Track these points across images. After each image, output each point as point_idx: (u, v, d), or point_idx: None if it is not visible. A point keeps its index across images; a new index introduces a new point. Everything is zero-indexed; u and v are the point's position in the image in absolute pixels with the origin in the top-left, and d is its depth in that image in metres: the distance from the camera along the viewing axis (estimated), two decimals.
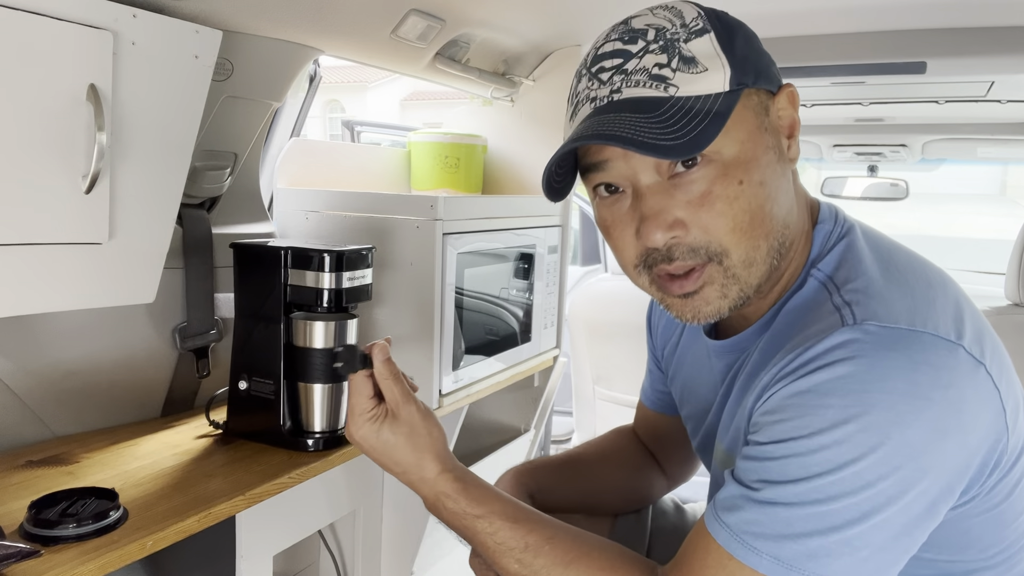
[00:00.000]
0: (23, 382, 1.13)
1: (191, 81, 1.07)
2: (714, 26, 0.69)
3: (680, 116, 0.66)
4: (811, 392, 0.63)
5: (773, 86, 0.73)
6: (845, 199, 3.12)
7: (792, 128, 0.75)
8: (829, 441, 0.61)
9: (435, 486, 0.82)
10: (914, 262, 0.74)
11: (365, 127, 2.42)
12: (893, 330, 0.63)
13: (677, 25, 0.69)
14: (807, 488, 0.62)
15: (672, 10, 0.72)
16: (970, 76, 1.78)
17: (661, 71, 0.68)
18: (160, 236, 1.12)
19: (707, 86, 0.67)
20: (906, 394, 0.61)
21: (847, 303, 0.67)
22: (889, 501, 0.61)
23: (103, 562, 0.84)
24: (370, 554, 1.55)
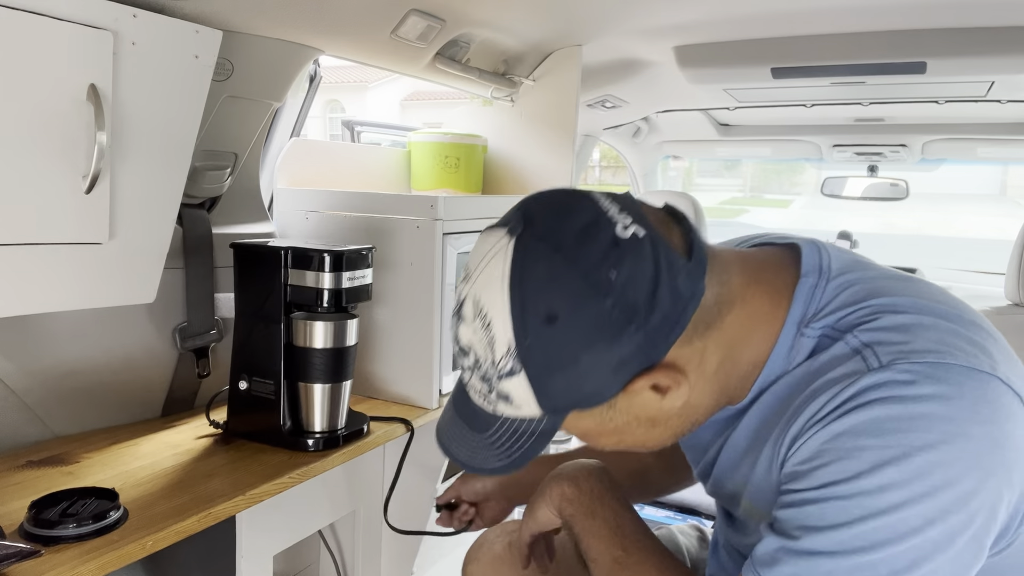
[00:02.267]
0: (23, 382, 1.13)
1: (191, 81, 1.07)
2: (524, 364, 0.63)
3: (508, 436, 0.69)
4: (846, 435, 0.61)
5: (610, 395, 0.66)
6: (845, 199, 3.12)
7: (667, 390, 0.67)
8: (870, 486, 0.59)
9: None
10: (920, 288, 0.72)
11: (365, 127, 2.41)
12: (925, 365, 0.61)
13: (489, 361, 0.65)
14: (849, 535, 0.59)
15: (487, 329, 0.64)
16: (970, 76, 1.78)
17: (486, 395, 0.68)
18: (160, 236, 1.12)
19: (527, 414, 0.67)
20: (946, 433, 0.58)
21: (866, 344, 0.64)
22: (937, 549, 0.58)
23: (103, 562, 0.84)
24: (370, 554, 1.55)
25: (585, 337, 0.62)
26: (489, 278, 0.64)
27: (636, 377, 0.65)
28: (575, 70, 1.78)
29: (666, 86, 2.13)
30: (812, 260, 0.73)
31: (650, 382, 0.65)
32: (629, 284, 0.61)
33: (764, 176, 20.30)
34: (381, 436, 1.28)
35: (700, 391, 0.70)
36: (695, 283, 0.64)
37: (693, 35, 1.72)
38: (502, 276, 0.63)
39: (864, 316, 0.67)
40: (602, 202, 0.65)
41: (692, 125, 2.79)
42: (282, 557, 1.41)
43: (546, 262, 0.62)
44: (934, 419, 0.59)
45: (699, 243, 0.66)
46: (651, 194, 2.83)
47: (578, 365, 0.63)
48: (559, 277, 0.61)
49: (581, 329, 0.62)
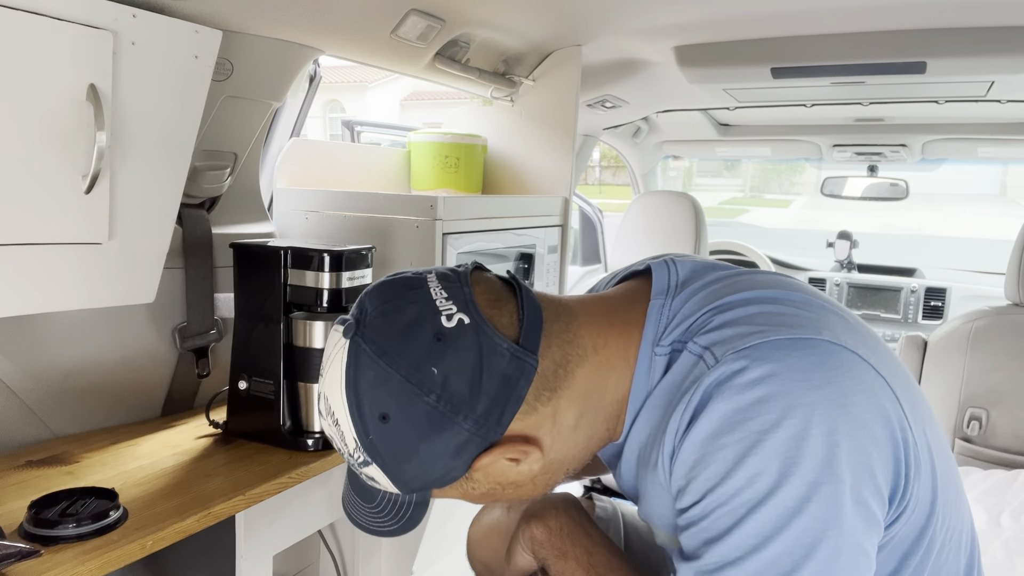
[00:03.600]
0: (23, 382, 1.13)
1: (191, 81, 1.07)
2: (373, 457, 0.67)
3: (390, 507, 0.74)
4: (705, 439, 0.62)
5: (459, 473, 0.69)
6: (845, 199, 3.12)
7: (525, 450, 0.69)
8: (741, 481, 0.60)
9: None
10: (753, 281, 0.74)
11: (365, 127, 2.42)
12: (750, 349, 0.63)
13: (347, 452, 0.70)
14: (743, 536, 0.60)
15: (337, 426, 0.69)
16: (970, 76, 1.78)
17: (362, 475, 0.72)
18: (160, 236, 1.12)
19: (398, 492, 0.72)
20: (785, 408, 0.59)
21: (705, 348, 0.66)
22: (827, 524, 0.58)
23: (103, 562, 0.84)
24: (370, 554, 1.55)
25: (417, 431, 0.66)
26: (332, 379, 0.68)
27: (479, 456, 0.68)
28: (575, 70, 1.78)
29: (666, 86, 2.13)
30: (661, 282, 0.76)
31: (497, 458, 0.68)
32: (451, 377, 0.65)
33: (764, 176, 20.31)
34: None
35: (562, 446, 0.72)
36: (523, 362, 0.67)
37: (693, 35, 1.72)
38: (340, 379, 0.67)
39: (701, 322, 0.69)
40: (434, 290, 0.69)
41: (692, 125, 2.79)
42: (282, 557, 1.41)
43: (373, 367, 0.65)
44: (770, 399, 0.60)
45: (532, 315, 0.69)
46: (651, 194, 2.83)
47: (419, 455, 0.67)
48: (385, 380, 0.65)
49: (412, 425, 0.66)
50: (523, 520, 0.90)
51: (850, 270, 3.18)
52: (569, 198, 1.84)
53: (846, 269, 3.18)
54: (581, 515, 0.90)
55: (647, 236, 2.68)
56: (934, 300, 2.94)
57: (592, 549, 0.85)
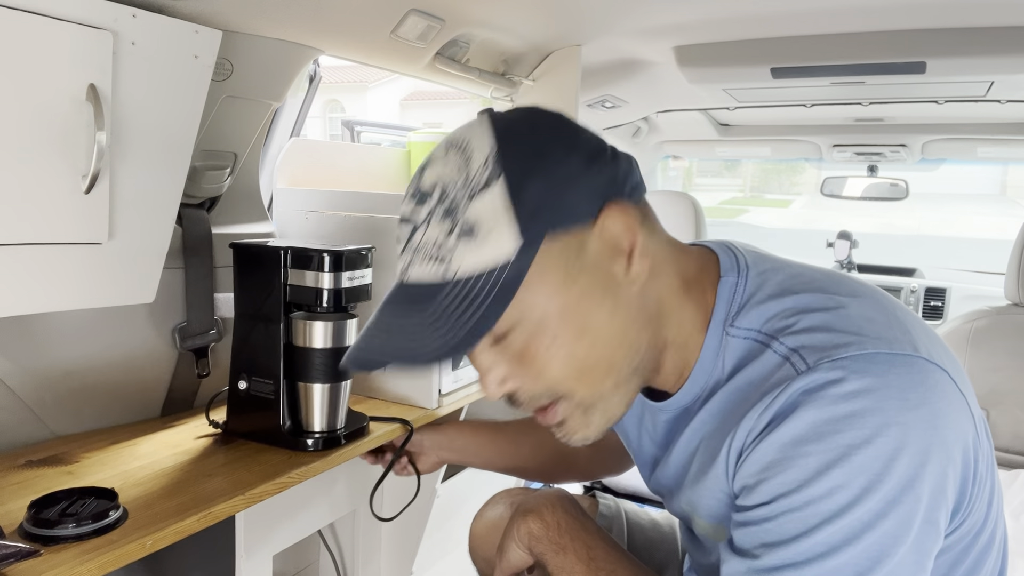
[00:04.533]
0: (23, 382, 1.13)
1: (191, 81, 1.07)
2: (506, 168, 0.62)
3: (456, 305, 0.62)
4: (787, 443, 0.61)
5: (585, 217, 0.66)
6: (845, 199, 3.12)
7: (630, 245, 0.68)
8: (819, 491, 0.59)
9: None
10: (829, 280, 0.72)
11: (365, 127, 2.42)
12: (848, 360, 0.61)
13: (461, 180, 0.63)
14: (810, 544, 0.60)
15: (463, 152, 0.65)
16: (970, 76, 1.78)
17: (441, 249, 0.63)
18: (160, 236, 1.12)
19: (493, 255, 0.62)
20: (879, 426, 0.59)
21: (793, 350, 0.65)
22: (896, 541, 0.59)
23: (103, 562, 0.84)
24: (370, 554, 1.55)
25: (565, 149, 0.65)
26: (467, 129, 0.68)
27: (607, 205, 0.66)
28: (575, 70, 1.78)
29: (666, 86, 2.13)
30: (728, 259, 0.75)
31: (622, 215, 0.67)
32: (594, 136, 0.70)
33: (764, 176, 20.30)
34: (381, 436, 1.28)
35: (655, 291, 0.71)
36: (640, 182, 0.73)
37: (693, 35, 1.72)
38: (481, 122, 0.68)
39: (785, 320, 0.68)
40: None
41: (692, 125, 2.79)
42: (282, 557, 1.41)
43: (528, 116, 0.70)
44: (866, 414, 0.59)
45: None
46: (651, 194, 2.83)
47: (557, 172, 0.64)
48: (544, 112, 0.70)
49: (561, 142, 0.66)
50: (517, 515, 0.89)
51: (850, 270, 3.18)
52: None
53: (846, 269, 3.18)
54: (577, 510, 0.89)
55: None
56: (934, 300, 2.94)
57: (591, 543, 0.85)
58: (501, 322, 0.63)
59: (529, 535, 0.87)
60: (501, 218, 0.62)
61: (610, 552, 0.85)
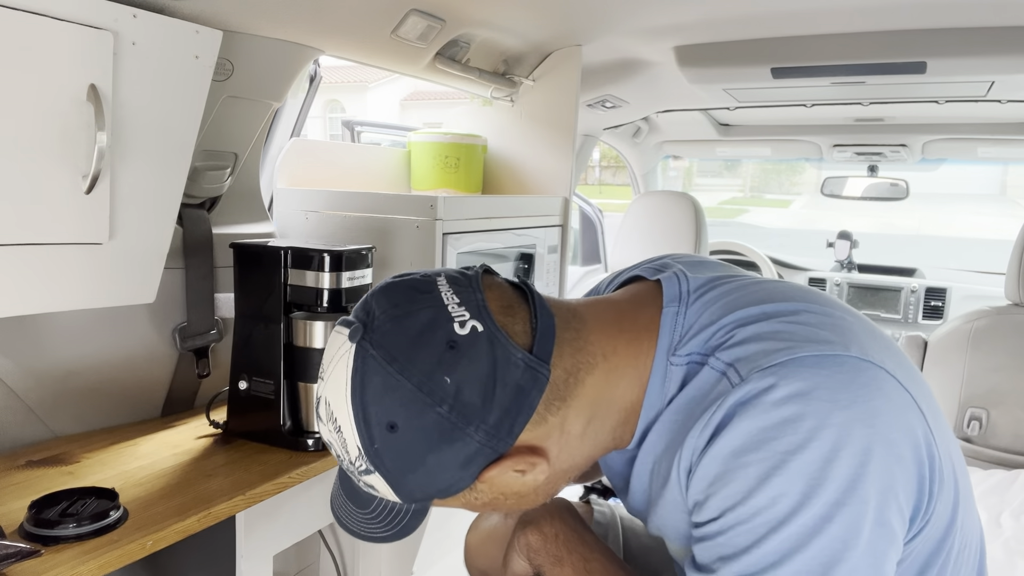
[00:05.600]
0: (23, 382, 1.13)
1: (191, 81, 1.07)
2: (376, 465, 0.65)
3: (385, 514, 0.73)
4: (727, 455, 0.61)
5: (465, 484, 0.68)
6: (845, 199, 3.12)
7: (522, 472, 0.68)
8: (763, 501, 0.59)
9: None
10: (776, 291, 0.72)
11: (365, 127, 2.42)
12: (777, 367, 0.61)
13: (347, 460, 0.68)
14: (760, 554, 0.59)
15: (339, 435, 0.67)
16: (970, 76, 1.78)
17: (360, 482, 0.70)
18: (160, 236, 1.12)
19: (396, 499, 0.70)
20: (812, 429, 0.58)
21: (728, 364, 0.65)
22: (846, 545, 0.58)
23: (103, 562, 0.84)
24: (370, 554, 1.55)
25: (426, 442, 0.64)
26: (335, 384, 0.65)
27: (487, 468, 0.66)
28: (575, 70, 1.78)
29: (666, 86, 2.13)
30: (672, 289, 0.74)
31: (505, 470, 0.66)
32: (464, 387, 0.63)
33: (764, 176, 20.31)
34: None
35: (568, 455, 0.71)
36: (536, 373, 0.65)
37: (693, 35, 1.72)
38: (345, 384, 0.64)
39: (722, 336, 0.68)
40: (445, 294, 0.66)
41: (692, 125, 2.79)
42: (282, 557, 1.41)
43: (382, 374, 0.63)
44: (798, 419, 0.59)
45: (545, 323, 0.66)
46: (651, 194, 2.83)
47: (426, 465, 0.65)
48: (394, 388, 0.63)
49: (422, 435, 0.63)
50: (519, 527, 0.89)
51: (850, 270, 3.18)
52: (569, 198, 1.84)
53: (846, 269, 3.18)
54: (576, 521, 0.89)
55: (647, 236, 2.68)
56: (934, 300, 2.94)
57: (588, 556, 0.85)
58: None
59: (528, 547, 0.87)
60: (391, 493, 0.68)
61: (607, 565, 0.85)
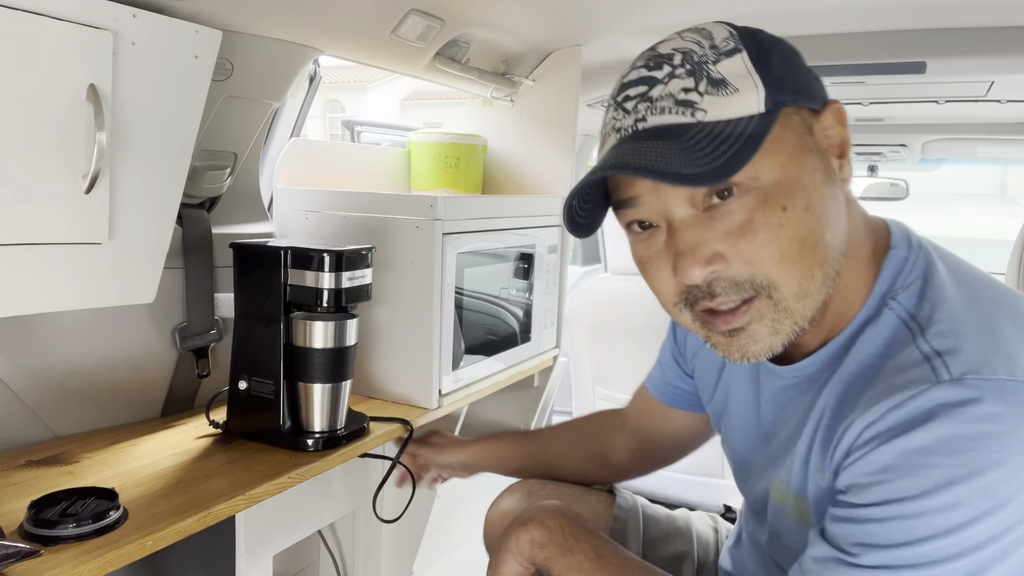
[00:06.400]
0: (23, 382, 1.13)
1: (191, 81, 1.07)
2: (747, 45, 0.66)
3: (708, 142, 0.62)
4: (914, 452, 0.59)
5: (816, 103, 0.69)
6: None
7: (842, 147, 0.70)
8: (938, 504, 0.58)
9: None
10: (1003, 297, 0.68)
11: (365, 127, 2.42)
12: (994, 382, 0.59)
13: (706, 47, 0.65)
14: (912, 553, 0.59)
15: (702, 32, 0.68)
16: (970, 76, 1.78)
17: (688, 95, 0.64)
18: (160, 236, 1.12)
19: (739, 108, 0.63)
20: (1011, 451, 0.57)
21: (937, 352, 0.62)
22: (995, 559, 0.58)
23: (103, 562, 0.84)
24: (370, 554, 1.55)
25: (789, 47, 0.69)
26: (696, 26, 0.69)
27: (831, 101, 0.69)
28: (575, 70, 1.78)
29: None
30: (900, 234, 0.74)
31: (838, 114, 0.69)
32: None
33: None
34: (381, 436, 1.28)
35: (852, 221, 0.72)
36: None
37: None
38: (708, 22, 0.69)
39: (940, 317, 0.65)
40: None
41: None
42: (282, 557, 1.41)
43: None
44: (1000, 438, 0.58)
45: None
46: None
47: (791, 56, 0.68)
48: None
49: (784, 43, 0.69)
50: (514, 527, 0.88)
51: None
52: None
53: None
54: (576, 515, 0.90)
55: None
56: None
57: (597, 543, 0.85)
58: (740, 175, 0.62)
59: (531, 542, 0.86)
60: (747, 80, 0.64)
61: (617, 549, 0.85)
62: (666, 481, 2.49)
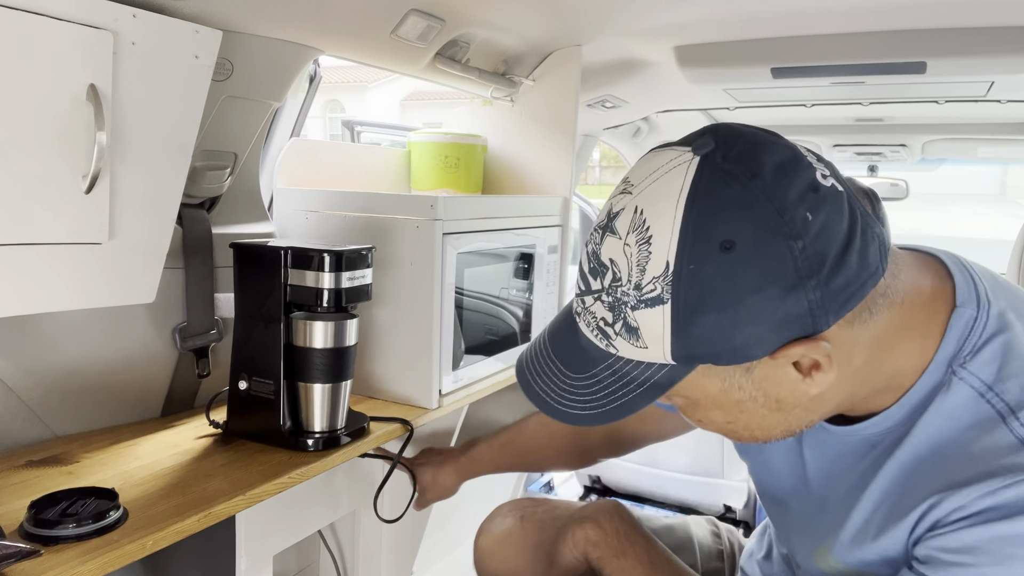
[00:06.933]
0: (23, 382, 1.13)
1: (191, 81, 1.07)
2: (674, 295, 0.55)
3: (612, 381, 0.61)
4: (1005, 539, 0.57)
5: (755, 355, 0.58)
6: None
7: (810, 370, 0.60)
8: None
9: None
10: None
11: (365, 127, 2.42)
12: None
13: (634, 281, 0.57)
14: None
15: (643, 243, 0.56)
16: (970, 76, 1.78)
17: (605, 327, 0.60)
18: (160, 236, 1.12)
19: (648, 357, 0.59)
20: None
21: None
22: None
23: (103, 562, 0.84)
24: (370, 554, 1.55)
25: (760, 277, 0.54)
26: (661, 190, 0.56)
27: (792, 343, 0.57)
28: (575, 70, 1.78)
29: (666, 86, 2.13)
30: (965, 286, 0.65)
31: (801, 354, 0.57)
32: (823, 233, 0.54)
33: None
34: (381, 436, 1.28)
35: (836, 386, 0.61)
36: (882, 257, 0.58)
37: (693, 35, 1.72)
38: (679, 190, 0.54)
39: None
40: (798, 146, 0.58)
41: (692, 125, 2.78)
42: (282, 557, 1.41)
43: (739, 186, 0.54)
44: None
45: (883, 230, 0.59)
46: None
47: (738, 309, 0.54)
48: (750, 206, 0.53)
49: (759, 266, 0.53)
50: (572, 524, 0.90)
51: None
52: (569, 198, 1.84)
53: None
54: (632, 518, 0.91)
55: None
56: None
57: (650, 548, 0.86)
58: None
59: (587, 540, 0.87)
60: (662, 338, 0.57)
61: (669, 556, 0.86)
62: (666, 481, 2.49)
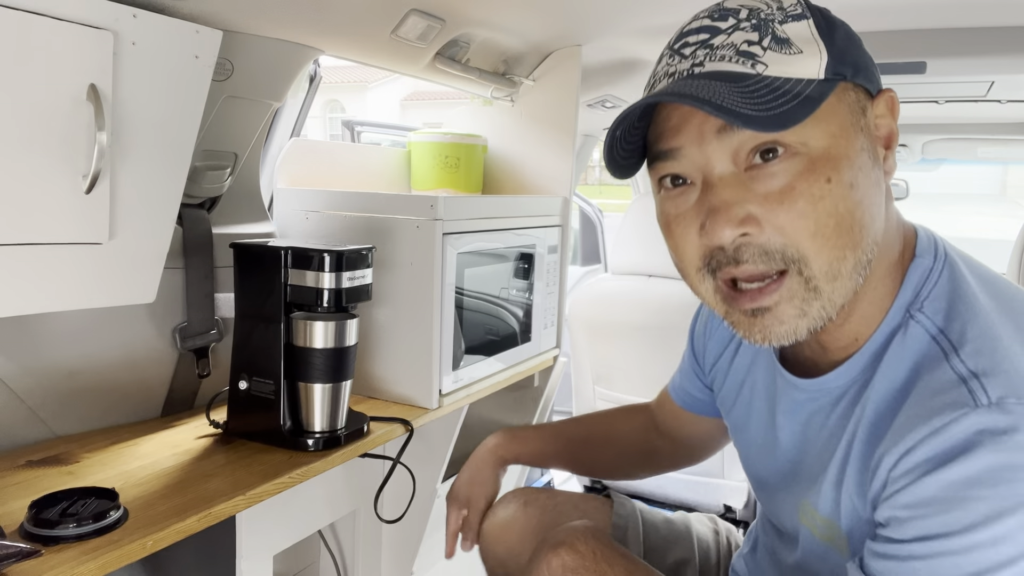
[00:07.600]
0: (23, 382, 1.13)
1: (191, 81, 1.07)
2: (813, 14, 0.64)
3: (766, 92, 0.59)
4: (957, 484, 0.56)
5: (872, 87, 0.67)
6: None
7: (889, 139, 0.68)
8: (985, 538, 0.55)
9: None
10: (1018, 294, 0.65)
11: (365, 127, 2.42)
12: None
13: (774, 8, 0.64)
14: None
15: None
16: (970, 76, 1.78)
17: (750, 48, 0.61)
18: (160, 236, 1.12)
19: (799, 70, 0.61)
20: None
21: (974, 374, 0.59)
22: None
23: (103, 562, 0.84)
24: (370, 554, 1.55)
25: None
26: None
27: (887, 89, 0.68)
28: (575, 70, 1.78)
29: None
30: (927, 240, 0.70)
31: (891, 104, 0.68)
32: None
33: None
34: (381, 436, 1.28)
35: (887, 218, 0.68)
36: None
37: None
38: None
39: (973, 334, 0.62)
40: None
41: None
42: (282, 557, 1.41)
43: None
44: None
45: None
46: (651, 194, 2.83)
47: (853, 35, 0.67)
48: None
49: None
50: (544, 550, 0.86)
51: None
52: (569, 198, 1.84)
53: None
54: (607, 537, 0.87)
55: (647, 236, 2.68)
56: None
57: (632, 569, 0.83)
58: (789, 137, 0.61)
59: (563, 567, 0.83)
60: (811, 44, 0.62)
61: (652, 573, 0.83)
62: (666, 481, 2.49)
